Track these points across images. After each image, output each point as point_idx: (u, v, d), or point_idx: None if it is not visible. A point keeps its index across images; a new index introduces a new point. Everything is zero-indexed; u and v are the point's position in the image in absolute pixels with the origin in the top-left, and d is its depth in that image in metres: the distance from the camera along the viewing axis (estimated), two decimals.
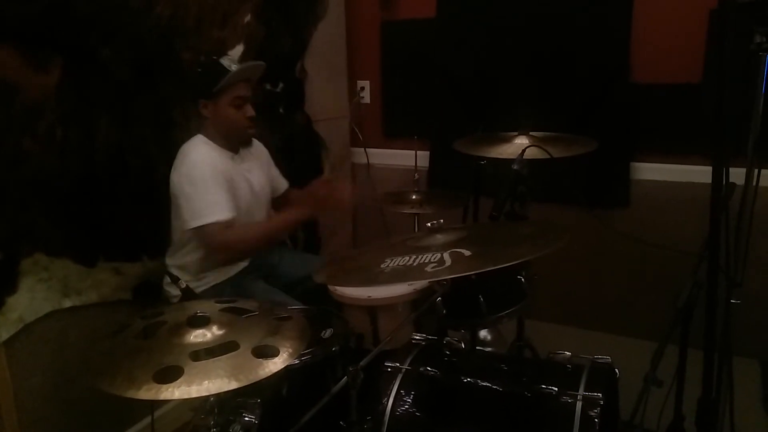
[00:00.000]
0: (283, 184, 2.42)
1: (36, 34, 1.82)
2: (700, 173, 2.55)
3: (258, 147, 2.32)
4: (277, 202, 2.37)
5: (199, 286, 2.11)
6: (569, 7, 2.80)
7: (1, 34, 1.73)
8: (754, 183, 1.68)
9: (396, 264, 1.39)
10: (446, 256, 1.36)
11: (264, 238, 2.12)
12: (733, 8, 1.30)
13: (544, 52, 2.88)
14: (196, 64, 2.15)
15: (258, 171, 2.25)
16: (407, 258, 1.40)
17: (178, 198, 2.01)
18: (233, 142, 2.15)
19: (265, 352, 1.25)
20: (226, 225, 1.97)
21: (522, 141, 2.20)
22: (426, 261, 1.36)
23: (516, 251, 1.39)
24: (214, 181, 1.99)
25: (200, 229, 1.96)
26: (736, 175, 1.61)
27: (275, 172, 2.39)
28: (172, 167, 2.04)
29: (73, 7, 1.90)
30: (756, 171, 1.68)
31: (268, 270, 2.31)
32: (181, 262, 2.13)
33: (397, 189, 2.84)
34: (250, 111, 2.09)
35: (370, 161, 3.46)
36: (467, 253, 1.36)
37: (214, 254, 2.04)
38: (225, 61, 2.04)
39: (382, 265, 1.40)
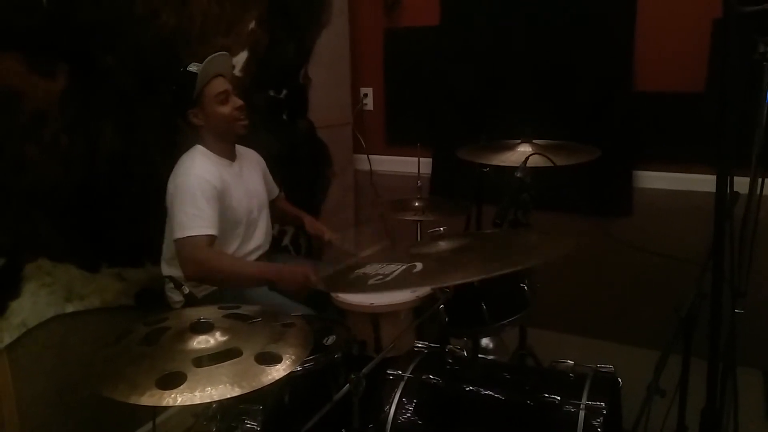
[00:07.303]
0: (274, 190, 2.45)
1: (41, 41, 1.83)
2: (704, 182, 2.55)
3: (252, 154, 2.34)
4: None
5: (201, 290, 2.11)
6: (573, 15, 2.81)
7: (6, 41, 1.74)
8: (758, 192, 1.68)
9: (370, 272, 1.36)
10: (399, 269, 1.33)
11: (235, 275, 2.03)
12: (736, 18, 1.30)
13: (548, 61, 2.89)
14: (169, 84, 2.13)
15: (255, 177, 2.27)
16: (378, 267, 1.37)
17: (169, 208, 2.02)
18: (230, 142, 2.16)
19: (268, 359, 1.25)
20: (207, 241, 1.94)
21: (525, 149, 2.20)
22: (376, 272, 1.34)
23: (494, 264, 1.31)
24: (202, 195, 1.97)
25: (181, 241, 1.94)
26: (740, 184, 1.61)
27: (269, 178, 2.41)
28: (170, 177, 2.04)
29: (77, 14, 1.91)
30: (760, 180, 1.68)
31: None
32: (178, 273, 2.12)
33: (399, 196, 2.84)
34: (236, 102, 2.10)
35: (372, 168, 3.47)
36: (419, 266, 1.33)
37: (185, 268, 1.95)
38: (192, 68, 2.05)
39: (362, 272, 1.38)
